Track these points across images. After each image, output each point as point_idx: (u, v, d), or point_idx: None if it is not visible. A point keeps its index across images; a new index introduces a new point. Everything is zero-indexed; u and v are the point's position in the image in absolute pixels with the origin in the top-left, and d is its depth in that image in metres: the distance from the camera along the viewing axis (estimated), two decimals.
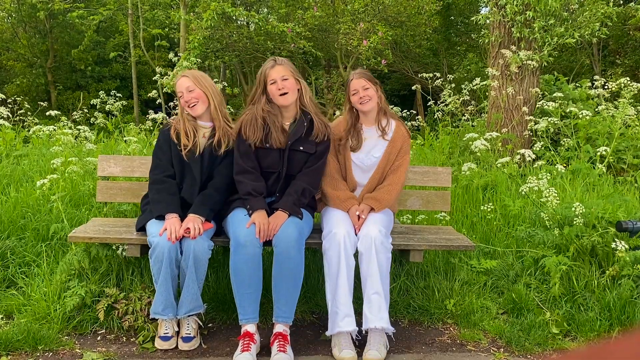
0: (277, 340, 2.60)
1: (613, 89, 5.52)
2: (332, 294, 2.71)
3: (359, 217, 2.86)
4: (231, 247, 2.66)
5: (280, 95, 2.82)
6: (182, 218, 2.73)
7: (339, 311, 2.67)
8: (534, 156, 4.25)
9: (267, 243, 2.72)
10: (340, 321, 2.66)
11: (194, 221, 2.68)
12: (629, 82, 5.33)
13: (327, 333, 2.73)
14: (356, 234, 2.80)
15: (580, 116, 4.93)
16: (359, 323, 2.70)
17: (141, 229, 2.82)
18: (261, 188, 2.80)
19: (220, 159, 2.88)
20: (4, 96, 6.26)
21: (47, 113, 6.14)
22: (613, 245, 3.07)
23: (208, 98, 2.91)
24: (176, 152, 2.86)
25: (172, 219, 2.70)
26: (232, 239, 2.67)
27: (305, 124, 2.88)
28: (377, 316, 2.64)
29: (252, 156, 2.84)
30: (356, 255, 2.78)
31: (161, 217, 2.74)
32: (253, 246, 2.61)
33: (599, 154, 4.50)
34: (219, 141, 2.87)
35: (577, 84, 6.42)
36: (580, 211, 3.23)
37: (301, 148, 2.87)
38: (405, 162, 3.04)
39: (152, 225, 2.72)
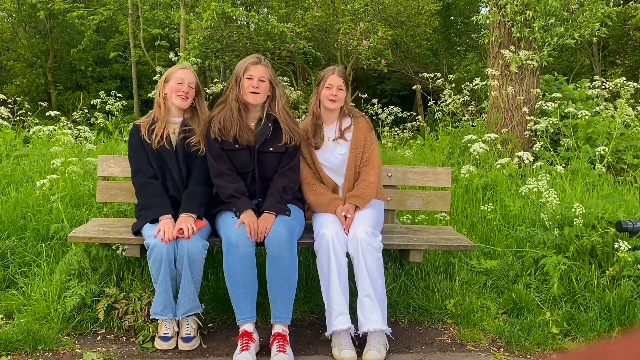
0: (277, 341, 2.60)
1: (612, 89, 5.52)
2: (326, 294, 2.73)
3: (345, 217, 2.86)
4: (223, 248, 2.66)
5: (251, 92, 2.81)
6: (175, 216, 2.74)
7: (333, 310, 2.68)
8: (532, 158, 4.25)
9: (261, 243, 2.71)
10: (335, 320, 2.67)
11: (186, 221, 2.68)
12: (625, 82, 5.33)
13: (326, 333, 2.73)
14: (347, 234, 2.81)
15: (580, 116, 4.93)
16: (357, 321, 2.70)
17: (137, 232, 2.82)
18: (242, 188, 2.80)
19: (195, 154, 2.88)
20: (4, 96, 6.25)
21: (47, 113, 6.14)
22: (616, 246, 3.07)
23: (196, 99, 2.95)
24: (151, 150, 2.85)
25: (165, 220, 2.70)
26: (223, 240, 2.67)
27: (270, 125, 2.88)
28: (370, 319, 2.65)
29: (225, 157, 2.83)
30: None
31: (156, 221, 2.74)
32: (245, 245, 2.61)
33: (598, 154, 4.50)
34: (197, 139, 2.87)
35: (577, 84, 6.42)
36: (581, 212, 3.23)
37: (271, 149, 2.86)
38: (374, 152, 3.04)
39: (148, 228, 2.73)
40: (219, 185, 2.82)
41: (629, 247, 3.06)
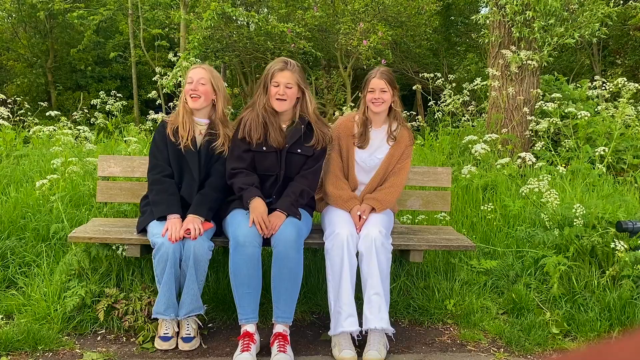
0: (277, 341, 2.60)
1: (611, 89, 5.51)
2: (334, 294, 2.71)
3: (360, 217, 2.87)
4: (230, 247, 2.66)
5: (277, 100, 2.82)
6: (183, 217, 2.73)
7: (342, 311, 2.67)
8: (534, 159, 4.25)
9: (266, 243, 2.72)
10: (344, 321, 2.66)
11: (193, 222, 2.68)
12: (626, 82, 5.32)
13: (330, 333, 2.72)
14: (357, 234, 2.81)
15: (579, 116, 4.94)
16: (359, 323, 2.70)
17: (142, 230, 2.82)
18: (252, 180, 2.79)
19: (217, 156, 2.88)
20: (4, 96, 6.25)
21: (47, 113, 6.14)
22: (612, 245, 3.07)
23: (214, 98, 2.92)
24: (173, 149, 2.84)
25: (173, 219, 2.70)
26: (231, 239, 2.67)
27: (303, 126, 2.88)
28: (377, 316, 2.64)
29: (246, 158, 2.83)
30: (356, 255, 2.78)
31: (163, 218, 2.74)
32: (252, 246, 2.61)
33: (598, 154, 4.50)
34: (220, 143, 2.87)
35: (577, 84, 6.41)
36: (581, 212, 3.23)
37: (299, 151, 2.86)
38: (406, 165, 3.07)
39: (155, 226, 2.72)
40: (232, 183, 2.83)
41: (625, 247, 3.06)
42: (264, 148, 2.83)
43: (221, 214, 2.89)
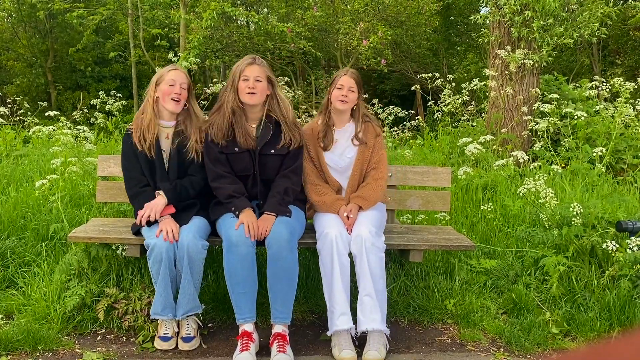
0: (277, 341, 2.61)
1: (612, 89, 5.51)
2: (328, 293, 2.73)
3: (348, 217, 2.86)
4: (224, 247, 2.65)
5: (248, 93, 2.79)
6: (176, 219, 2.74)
7: (335, 310, 2.68)
8: (527, 158, 4.25)
9: (261, 243, 2.71)
10: (337, 320, 2.67)
11: (168, 224, 2.69)
12: (622, 82, 5.32)
13: (327, 333, 2.73)
14: (350, 234, 2.81)
15: (576, 117, 4.94)
16: (354, 321, 2.70)
17: (137, 232, 2.82)
18: (241, 189, 2.79)
19: (189, 163, 2.83)
20: (1, 95, 6.25)
21: (47, 113, 6.14)
22: (604, 247, 3.06)
23: (189, 104, 2.88)
24: (143, 157, 2.79)
25: (165, 220, 2.70)
26: (224, 240, 2.67)
27: (271, 126, 2.85)
28: (369, 318, 2.65)
29: (224, 160, 2.81)
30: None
31: (154, 223, 2.74)
32: (245, 245, 2.61)
33: (596, 154, 4.50)
34: (191, 147, 2.82)
35: (577, 84, 6.41)
36: (579, 211, 3.23)
37: (272, 151, 2.84)
38: (383, 157, 3.05)
39: (148, 228, 2.73)
40: (216, 187, 2.80)
41: (617, 246, 3.05)
42: (236, 149, 2.81)
43: (213, 215, 2.86)
